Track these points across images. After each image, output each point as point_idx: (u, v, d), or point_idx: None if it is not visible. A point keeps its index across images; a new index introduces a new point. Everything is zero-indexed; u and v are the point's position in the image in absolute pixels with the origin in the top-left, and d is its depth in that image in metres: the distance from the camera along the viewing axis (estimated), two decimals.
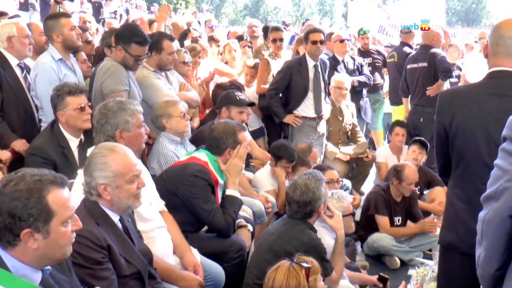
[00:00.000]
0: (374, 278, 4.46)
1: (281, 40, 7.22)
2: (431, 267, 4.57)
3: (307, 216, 3.65)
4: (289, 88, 6.60)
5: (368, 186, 7.11)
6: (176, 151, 4.48)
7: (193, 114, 5.87)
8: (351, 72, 7.85)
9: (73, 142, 4.11)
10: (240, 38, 8.73)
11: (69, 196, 2.22)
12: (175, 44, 5.31)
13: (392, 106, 8.99)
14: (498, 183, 1.67)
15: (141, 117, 3.56)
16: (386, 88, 9.25)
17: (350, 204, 4.34)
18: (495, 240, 1.72)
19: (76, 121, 4.06)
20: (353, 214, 4.35)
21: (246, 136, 4.19)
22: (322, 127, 6.82)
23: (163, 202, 3.77)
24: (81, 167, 3.84)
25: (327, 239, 3.74)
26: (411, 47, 8.83)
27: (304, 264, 2.84)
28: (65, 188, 2.20)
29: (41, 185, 2.11)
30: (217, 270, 3.80)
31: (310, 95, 6.64)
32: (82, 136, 4.16)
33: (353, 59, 8.13)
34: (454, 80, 8.79)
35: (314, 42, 6.51)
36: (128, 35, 4.69)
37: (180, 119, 4.55)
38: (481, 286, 1.90)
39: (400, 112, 8.48)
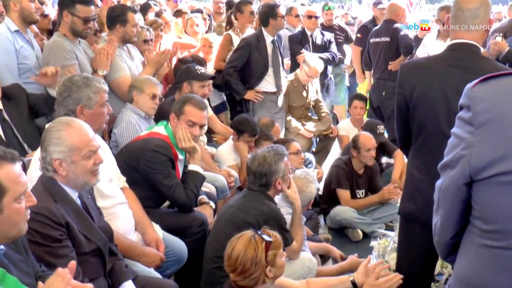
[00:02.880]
0: (337, 251, 4.50)
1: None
2: (393, 238, 4.62)
3: (264, 188, 3.65)
4: (248, 65, 6.54)
5: (331, 160, 7.15)
6: (139, 121, 4.45)
7: None
8: (317, 48, 7.81)
9: None
10: (198, 12, 8.59)
11: (21, 171, 2.16)
12: (138, 17, 5.25)
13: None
14: (455, 152, 1.67)
15: (106, 96, 3.47)
16: (347, 62, 9.31)
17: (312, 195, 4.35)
18: (451, 208, 1.73)
19: None
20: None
21: (193, 111, 4.07)
22: (280, 101, 6.83)
23: (124, 179, 3.71)
24: (7, 140, 3.79)
25: (284, 213, 3.74)
26: (375, 24, 8.80)
27: (266, 237, 2.83)
28: (16, 164, 2.14)
29: None
30: (179, 245, 3.78)
31: (270, 71, 6.62)
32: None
33: (322, 34, 8.06)
34: None
35: (283, 17, 6.59)
36: None
37: (149, 99, 4.55)
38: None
39: (364, 87, 8.55)
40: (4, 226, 2.10)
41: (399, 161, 6.29)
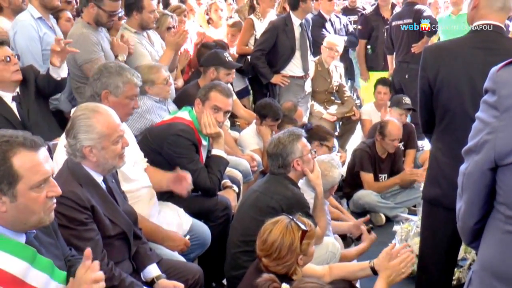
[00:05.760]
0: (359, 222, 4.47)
1: None
2: (415, 222, 4.61)
3: (283, 169, 3.62)
4: (275, 48, 6.53)
5: (354, 144, 7.13)
6: (153, 107, 4.45)
7: (175, 75, 5.80)
8: (338, 31, 7.79)
9: (6, 97, 3.96)
10: None
11: (44, 160, 2.13)
12: (155, 2, 5.21)
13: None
14: (479, 136, 1.65)
15: (136, 90, 3.48)
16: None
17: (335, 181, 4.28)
18: (475, 193, 1.72)
19: (3, 73, 3.89)
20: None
21: (219, 97, 4.06)
22: (308, 86, 6.81)
23: (146, 159, 3.74)
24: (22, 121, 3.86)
25: (307, 199, 3.73)
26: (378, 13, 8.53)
27: (302, 226, 2.81)
28: (37, 152, 2.11)
29: (7, 147, 2.04)
30: (203, 229, 3.81)
31: (297, 54, 6.61)
32: (18, 90, 4.02)
33: (339, 18, 8.05)
34: None
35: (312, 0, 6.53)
36: None
37: (164, 86, 4.53)
38: None
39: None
40: (20, 214, 2.09)
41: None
